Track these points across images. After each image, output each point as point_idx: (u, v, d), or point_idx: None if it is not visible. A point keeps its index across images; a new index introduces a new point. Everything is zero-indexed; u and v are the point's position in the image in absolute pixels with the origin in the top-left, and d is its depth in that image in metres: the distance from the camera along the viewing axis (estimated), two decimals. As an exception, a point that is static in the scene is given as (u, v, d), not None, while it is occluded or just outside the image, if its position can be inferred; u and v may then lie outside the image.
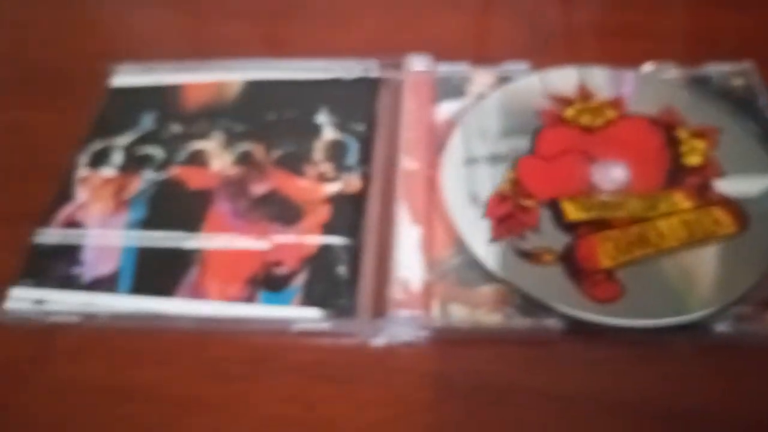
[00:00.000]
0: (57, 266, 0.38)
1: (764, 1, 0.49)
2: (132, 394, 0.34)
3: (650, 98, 0.41)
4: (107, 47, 0.52)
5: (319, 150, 0.41)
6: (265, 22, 0.52)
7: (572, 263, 0.35)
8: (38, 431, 0.33)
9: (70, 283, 0.37)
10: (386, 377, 0.33)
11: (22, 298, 0.37)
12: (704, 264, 0.34)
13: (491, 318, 0.34)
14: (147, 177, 0.41)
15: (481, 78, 0.43)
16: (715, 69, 0.43)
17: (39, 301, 0.37)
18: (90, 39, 0.53)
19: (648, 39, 0.46)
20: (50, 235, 0.39)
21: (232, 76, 0.46)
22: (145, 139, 0.43)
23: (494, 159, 0.39)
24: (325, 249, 0.37)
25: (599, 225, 0.36)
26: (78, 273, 0.38)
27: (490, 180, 0.38)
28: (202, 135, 0.43)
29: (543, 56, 0.43)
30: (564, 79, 0.42)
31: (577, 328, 0.33)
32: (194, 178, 0.41)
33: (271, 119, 0.43)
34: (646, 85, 0.42)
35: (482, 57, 0.44)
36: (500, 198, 0.37)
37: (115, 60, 0.48)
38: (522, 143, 0.40)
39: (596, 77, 0.42)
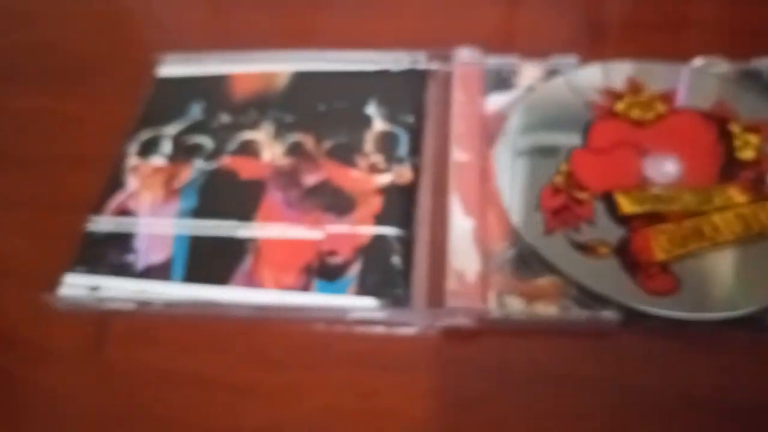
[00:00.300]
0: (110, 254, 0.38)
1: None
2: (188, 381, 0.34)
3: (701, 92, 0.41)
4: (152, 37, 0.52)
5: (369, 141, 0.41)
6: (311, 13, 0.52)
7: (627, 256, 0.35)
8: (96, 417, 0.33)
9: (123, 270, 0.38)
10: (443, 367, 0.33)
11: (77, 285, 0.37)
12: (760, 258, 0.34)
13: (548, 310, 0.34)
14: (197, 166, 0.42)
15: (530, 71, 0.43)
16: (765, 63, 0.42)
17: (94, 288, 0.37)
18: (135, 29, 0.53)
19: (697, 33, 0.46)
20: (103, 223, 0.40)
21: (278, 66, 0.46)
22: (193, 129, 0.44)
23: (546, 151, 0.39)
24: (379, 239, 0.37)
25: (653, 218, 0.36)
26: (131, 261, 0.38)
27: (542, 172, 0.38)
28: (252, 125, 0.43)
29: (591, 50, 0.43)
30: (613, 72, 0.42)
31: (634, 320, 0.33)
32: (245, 168, 0.41)
33: (320, 110, 0.44)
34: (696, 80, 0.42)
35: (530, 49, 0.44)
36: (553, 190, 0.37)
37: (160, 50, 0.48)
38: (573, 136, 0.40)
39: (645, 71, 0.42)
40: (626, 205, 0.36)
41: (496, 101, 0.42)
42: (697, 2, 0.48)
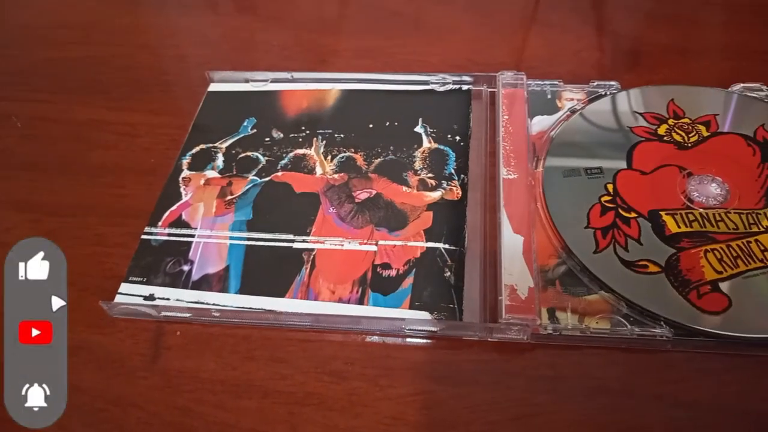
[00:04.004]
0: (166, 263, 0.39)
1: None
2: (246, 391, 0.34)
3: (742, 117, 0.42)
4: (203, 53, 0.53)
5: (419, 159, 0.43)
6: (361, 36, 0.54)
7: (676, 274, 0.35)
8: (156, 422, 0.34)
9: (178, 280, 0.38)
10: (501, 380, 0.34)
11: (133, 294, 0.38)
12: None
13: (600, 325, 0.34)
14: (251, 179, 0.43)
15: (573, 95, 0.45)
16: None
17: (149, 297, 0.38)
18: (187, 45, 0.55)
19: (734, 59, 0.47)
20: (158, 233, 0.40)
21: (328, 85, 0.48)
22: (245, 143, 0.45)
23: (591, 172, 0.40)
24: (431, 254, 0.38)
25: (701, 238, 0.37)
26: (186, 271, 0.39)
27: (589, 192, 0.39)
28: (303, 141, 0.44)
29: (632, 75, 0.45)
30: (654, 97, 0.44)
31: (685, 338, 0.34)
32: (299, 182, 0.42)
33: (369, 128, 0.45)
34: (737, 104, 0.43)
35: (572, 74, 0.45)
36: (601, 209, 0.38)
37: (211, 66, 0.49)
38: (617, 157, 0.41)
39: (686, 96, 0.44)
40: (673, 225, 0.37)
41: (540, 122, 0.44)
42: (735, 30, 0.49)
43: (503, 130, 0.43)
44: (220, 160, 0.44)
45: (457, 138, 0.44)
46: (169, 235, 0.40)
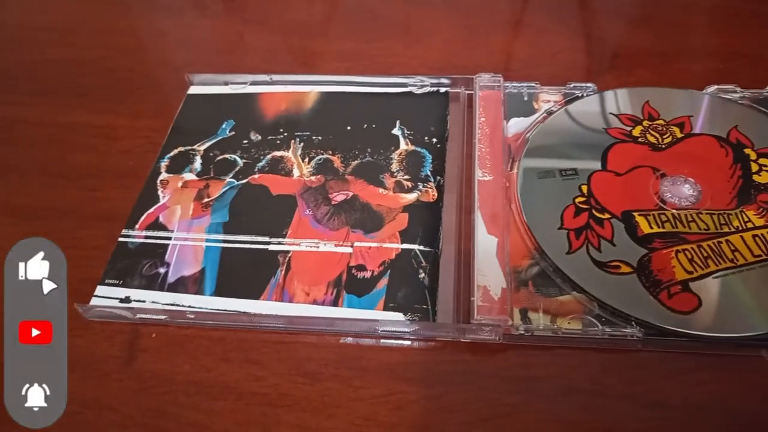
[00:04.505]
0: (142, 266, 0.39)
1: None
2: (221, 392, 0.34)
3: (716, 118, 0.43)
4: (184, 56, 0.54)
5: (395, 161, 0.43)
6: (342, 39, 0.54)
7: (648, 275, 0.36)
8: (130, 425, 0.34)
9: (155, 282, 0.38)
10: (473, 381, 0.34)
11: (109, 296, 0.38)
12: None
13: (572, 326, 0.35)
14: (228, 182, 0.43)
15: (549, 96, 0.45)
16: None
17: (125, 299, 0.38)
18: (168, 49, 0.55)
19: (710, 61, 0.48)
20: (135, 236, 0.40)
21: (307, 87, 0.48)
22: (223, 146, 0.45)
23: (566, 173, 0.41)
24: (406, 255, 0.38)
25: (673, 238, 0.37)
26: (162, 273, 0.39)
27: (563, 193, 0.39)
28: (281, 143, 0.45)
29: (608, 77, 0.45)
30: (630, 98, 0.44)
31: (655, 338, 0.34)
32: (275, 185, 0.42)
33: (347, 130, 0.45)
34: (711, 106, 0.44)
35: (549, 77, 0.45)
36: (575, 210, 0.39)
37: (191, 69, 0.49)
38: (592, 158, 0.41)
39: (661, 97, 0.44)
40: (645, 226, 0.38)
41: (516, 124, 0.44)
42: (711, 32, 0.50)
43: (479, 132, 0.43)
44: (197, 163, 0.44)
45: (434, 140, 0.44)
46: (146, 237, 0.40)
